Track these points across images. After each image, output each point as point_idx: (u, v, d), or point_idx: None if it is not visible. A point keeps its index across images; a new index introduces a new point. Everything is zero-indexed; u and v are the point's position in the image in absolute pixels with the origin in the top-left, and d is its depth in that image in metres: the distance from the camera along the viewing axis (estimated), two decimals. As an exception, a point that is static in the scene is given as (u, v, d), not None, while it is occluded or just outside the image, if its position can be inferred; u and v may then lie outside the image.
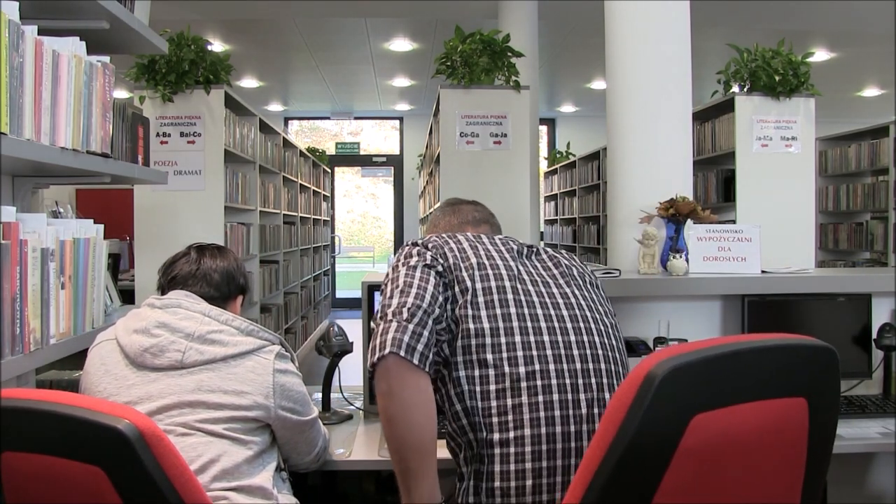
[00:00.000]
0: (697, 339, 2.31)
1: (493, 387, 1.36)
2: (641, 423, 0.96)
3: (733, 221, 4.38)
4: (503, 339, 1.39)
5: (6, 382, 1.42)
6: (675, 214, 2.54)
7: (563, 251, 1.66)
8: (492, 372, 1.37)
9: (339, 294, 11.57)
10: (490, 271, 1.46)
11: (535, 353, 1.39)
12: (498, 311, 1.41)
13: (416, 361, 1.31)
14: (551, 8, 6.51)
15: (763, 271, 2.45)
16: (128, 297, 1.72)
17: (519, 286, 1.46)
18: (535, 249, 1.59)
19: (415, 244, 1.53)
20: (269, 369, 1.56)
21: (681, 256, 2.44)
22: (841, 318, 2.27)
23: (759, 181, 4.40)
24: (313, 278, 8.31)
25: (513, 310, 1.42)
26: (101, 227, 1.85)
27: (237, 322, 1.60)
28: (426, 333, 1.34)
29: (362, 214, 13.59)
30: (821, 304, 2.28)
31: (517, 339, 1.39)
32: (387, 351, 1.31)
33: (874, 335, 2.25)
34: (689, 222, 2.54)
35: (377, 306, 2.06)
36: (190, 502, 1.10)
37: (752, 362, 1.04)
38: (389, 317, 1.36)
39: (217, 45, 7.54)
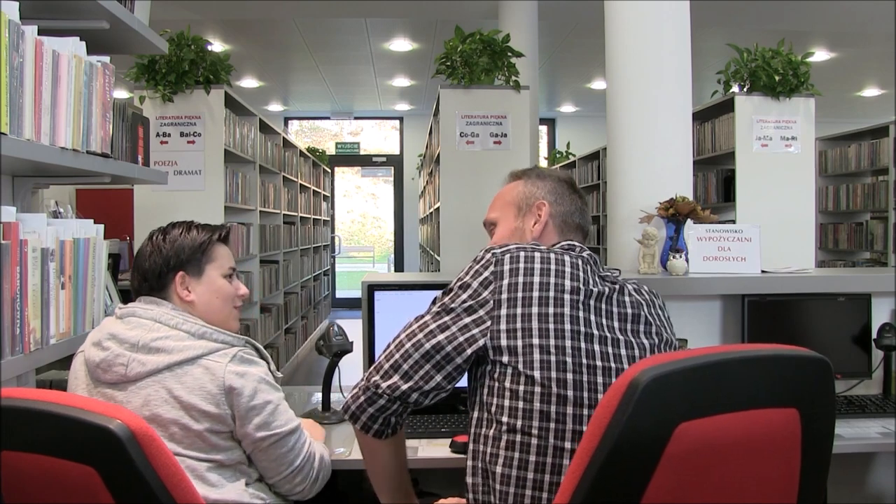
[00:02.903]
0: (698, 339, 2.31)
1: (532, 458, 1.27)
2: (624, 430, 0.97)
3: (733, 221, 4.38)
4: (553, 409, 1.28)
5: (6, 382, 1.42)
6: (675, 214, 2.54)
7: (646, 288, 1.49)
8: (535, 441, 1.27)
9: (339, 294, 11.58)
10: (552, 325, 1.31)
11: (584, 428, 1.27)
12: (553, 374, 1.28)
13: (370, 435, 1.39)
14: (551, 8, 6.51)
15: (763, 271, 2.45)
16: (128, 297, 1.72)
17: (584, 345, 1.31)
18: (618, 288, 1.42)
19: (494, 255, 1.39)
20: (220, 374, 1.43)
21: (681, 256, 2.44)
22: (841, 318, 2.27)
23: (759, 181, 4.40)
24: (313, 278, 8.31)
25: (570, 376, 1.28)
26: (101, 227, 1.85)
27: (188, 325, 1.48)
28: (390, 415, 1.37)
29: (362, 214, 13.59)
30: (821, 304, 2.27)
31: (569, 410, 1.27)
32: (345, 417, 1.41)
33: (874, 335, 2.25)
34: (689, 222, 2.54)
35: (378, 306, 2.07)
36: (181, 502, 1.11)
37: (739, 372, 1.04)
38: (375, 375, 1.37)
39: (217, 45, 7.54)
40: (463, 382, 1.46)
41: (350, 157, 12.06)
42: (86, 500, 1.07)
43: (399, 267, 11.81)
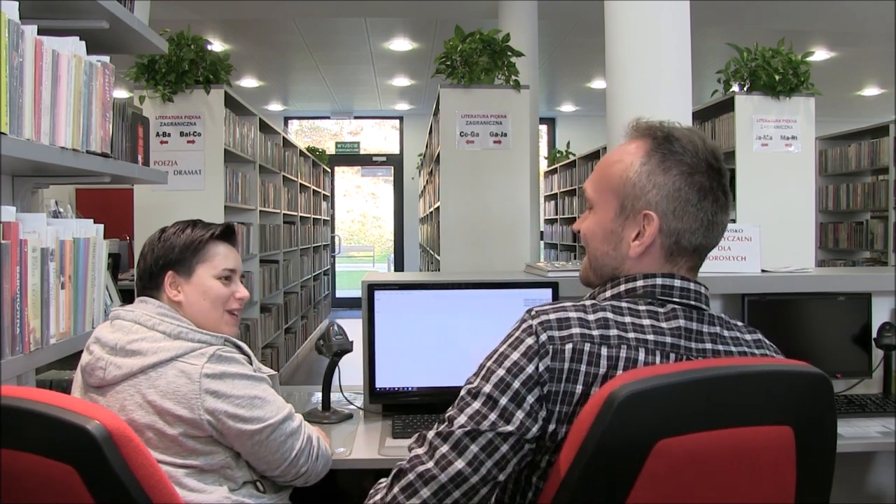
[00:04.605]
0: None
1: None
2: (600, 445, 0.94)
3: (733, 221, 4.38)
4: None
5: (6, 382, 1.42)
6: (675, 214, 2.53)
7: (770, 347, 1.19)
8: None
9: (339, 294, 11.58)
10: None
11: None
12: None
13: None
14: (551, 8, 6.50)
15: (763, 270, 2.45)
16: (128, 296, 1.72)
17: None
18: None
19: (552, 341, 1.06)
20: (195, 376, 1.39)
21: (681, 256, 2.44)
22: (841, 318, 2.27)
23: (759, 181, 4.40)
24: (313, 278, 8.31)
25: None
26: (101, 227, 1.85)
27: (165, 325, 1.45)
28: None
29: (362, 214, 13.60)
30: (821, 303, 2.27)
31: None
32: None
33: (874, 334, 2.25)
34: (689, 222, 2.53)
35: (378, 305, 2.07)
36: (159, 503, 1.11)
37: (726, 389, 0.99)
38: (403, 482, 1.05)
39: (217, 45, 7.54)
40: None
41: (350, 157, 12.06)
42: (66, 499, 1.08)
43: (399, 266, 11.82)
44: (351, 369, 2.25)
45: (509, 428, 1.04)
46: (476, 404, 1.06)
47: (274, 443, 1.46)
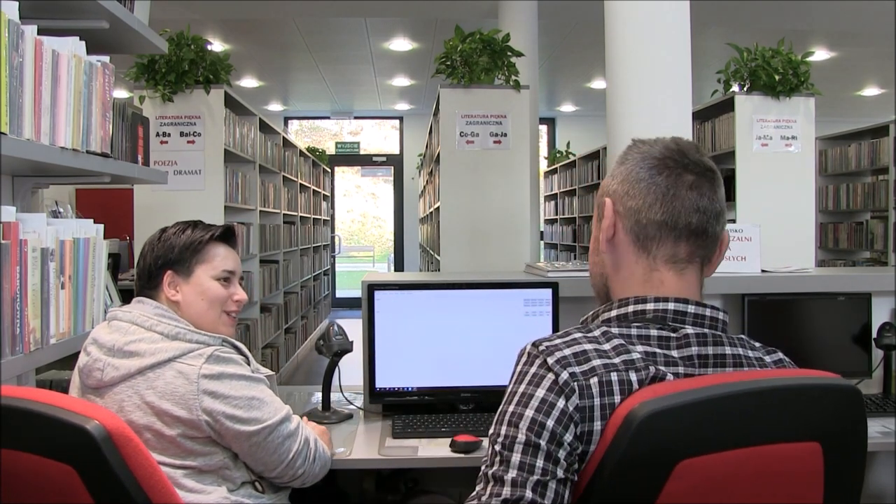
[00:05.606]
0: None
1: None
2: (619, 466, 0.91)
3: (733, 221, 4.38)
4: None
5: (6, 382, 1.42)
6: (675, 214, 2.53)
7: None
8: None
9: (339, 294, 11.58)
10: None
11: None
12: None
13: None
14: (551, 8, 6.50)
15: (763, 271, 2.45)
16: (128, 296, 1.72)
17: None
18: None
19: (575, 378, 0.98)
20: (193, 377, 1.39)
21: (681, 256, 2.44)
22: (841, 318, 2.27)
23: (759, 181, 4.41)
24: (313, 278, 8.31)
25: None
26: (101, 227, 1.85)
27: (162, 326, 1.46)
28: None
29: (362, 214, 13.61)
30: (821, 303, 2.27)
31: None
32: None
33: (874, 334, 2.25)
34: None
35: (378, 305, 2.07)
36: (158, 503, 1.11)
37: (751, 405, 0.94)
38: None
39: (217, 45, 7.54)
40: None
41: (350, 157, 12.06)
42: (66, 499, 1.08)
43: (399, 267, 11.82)
44: (351, 369, 2.25)
45: (560, 474, 0.95)
46: (516, 456, 0.95)
47: (271, 444, 1.46)
